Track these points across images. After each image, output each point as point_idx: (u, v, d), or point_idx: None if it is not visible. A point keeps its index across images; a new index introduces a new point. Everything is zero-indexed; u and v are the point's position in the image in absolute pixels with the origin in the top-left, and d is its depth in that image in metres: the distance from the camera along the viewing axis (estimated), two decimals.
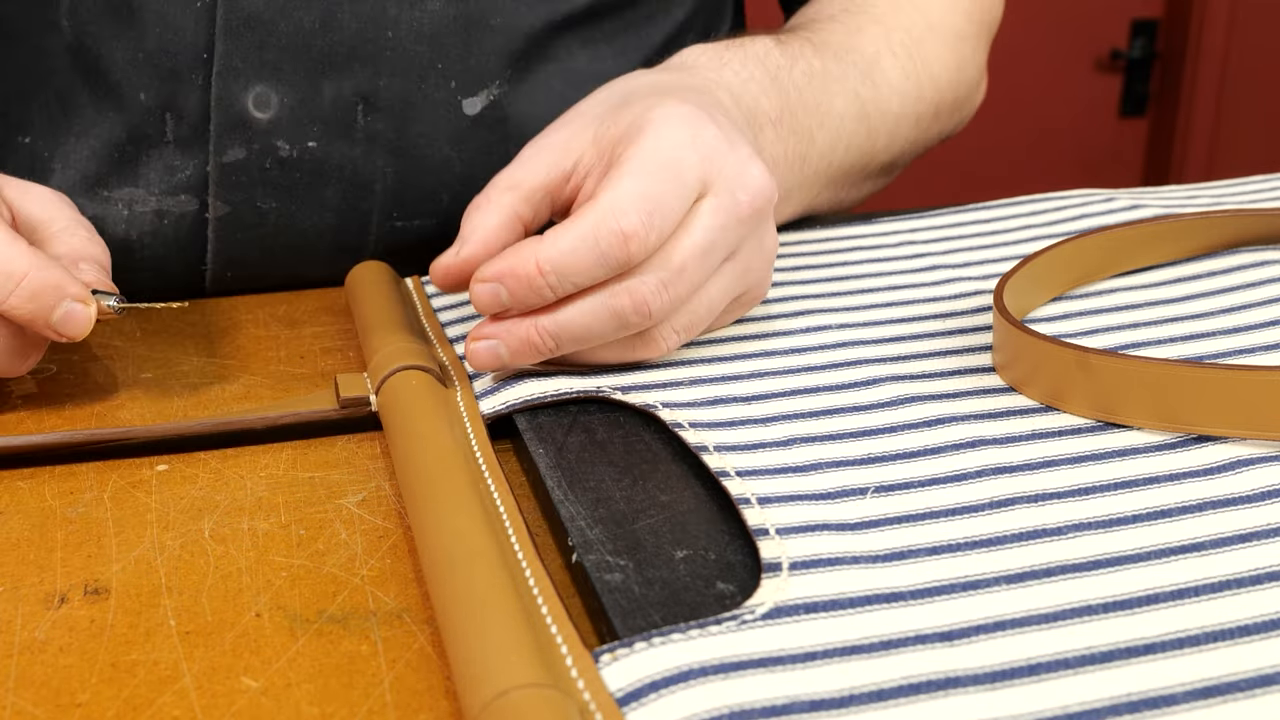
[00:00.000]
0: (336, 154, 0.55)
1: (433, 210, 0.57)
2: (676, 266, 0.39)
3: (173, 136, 0.54)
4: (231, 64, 0.53)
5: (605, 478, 0.35)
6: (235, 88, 0.53)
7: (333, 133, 0.54)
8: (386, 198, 0.56)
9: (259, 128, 0.54)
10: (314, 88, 0.54)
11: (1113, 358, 0.37)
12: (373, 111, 0.54)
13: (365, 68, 0.54)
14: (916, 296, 0.48)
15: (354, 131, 0.55)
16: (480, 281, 0.39)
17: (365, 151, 0.55)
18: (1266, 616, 0.28)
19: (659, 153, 0.39)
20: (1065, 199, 0.58)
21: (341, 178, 0.55)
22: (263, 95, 0.53)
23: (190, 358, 0.47)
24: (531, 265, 0.38)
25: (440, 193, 0.57)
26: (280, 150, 0.54)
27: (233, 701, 0.28)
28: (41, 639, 0.30)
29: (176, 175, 0.54)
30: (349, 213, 0.56)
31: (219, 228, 0.55)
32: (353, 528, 0.35)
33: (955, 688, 0.26)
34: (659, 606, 0.29)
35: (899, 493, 0.34)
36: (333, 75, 0.54)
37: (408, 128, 0.55)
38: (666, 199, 0.39)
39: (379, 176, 0.55)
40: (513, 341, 0.39)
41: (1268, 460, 0.34)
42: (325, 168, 0.55)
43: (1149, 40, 2.14)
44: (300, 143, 0.54)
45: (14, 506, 0.36)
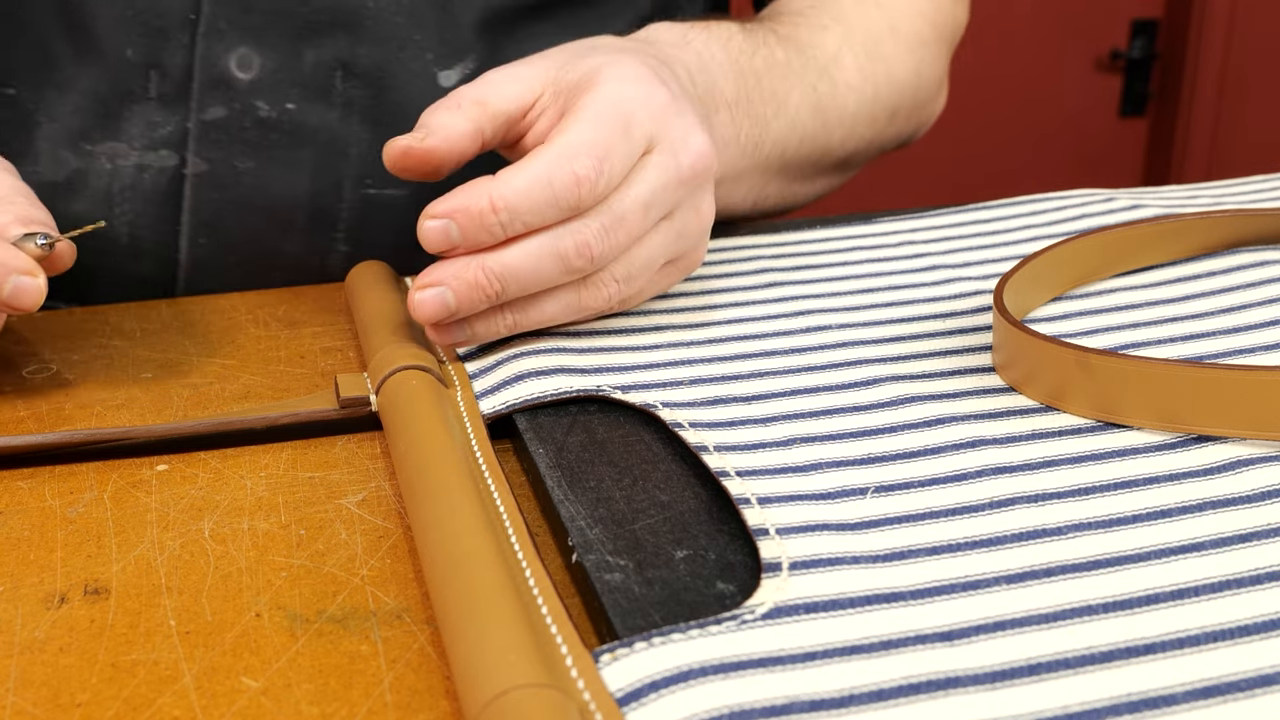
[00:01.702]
0: (314, 117, 0.56)
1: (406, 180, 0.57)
2: (618, 214, 0.41)
3: (156, 93, 0.55)
4: (216, 26, 0.54)
5: (605, 478, 0.35)
6: (219, 48, 0.54)
7: (311, 96, 0.55)
8: (360, 163, 0.57)
9: (240, 88, 0.55)
10: (295, 52, 0.55)
11: (1113, 358, 0.37)
12: (351, 78, 0.56)
13: (345, 35, 0.55)
14: (916, 296, 0.48)
15: (332, 96, 0.56)
16: (431, 218, 0.39)
17: (342, 116, 0.56)
18: (1266, 616, 0.28)
19: (612, 105, 0.41)
20: (1065, 199, 0.58)
21: (317, 141, 0.56)
22: (245, 57, 0.54)
23: (190, 358, 0.47)
24: (485, 201, 0.39)
25: None
26: (259, 110, 0.55)
27: (233, 701, 0.28)
28: (41, 639, 0.30)
29: (158, 131, 0.55)
30: (323, 176, 0.57)
31: (196, 184, 0.55)
32: (353, 528, 0.35)
33: (955, 688, 0.26)
34: (659, 606, 0.29)
35: (899, 493, 0.34)
36: (313, 41, 0.55)
37: (384, 96, 0.56)
38: (616, 149, 0.40)
39: (354, 142, 0.56)
40: (459, 285, 0.40)
41: (1268, 460, 0.34)
42: (302, 130, 0.56)
43: (1149, 40, 2.14)
44: (279, 104, 0.55)
45: (14, 506, 0.36)
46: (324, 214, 0.57)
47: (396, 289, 0.49)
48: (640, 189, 0.41)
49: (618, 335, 0.45)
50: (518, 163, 0.39)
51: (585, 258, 0.40)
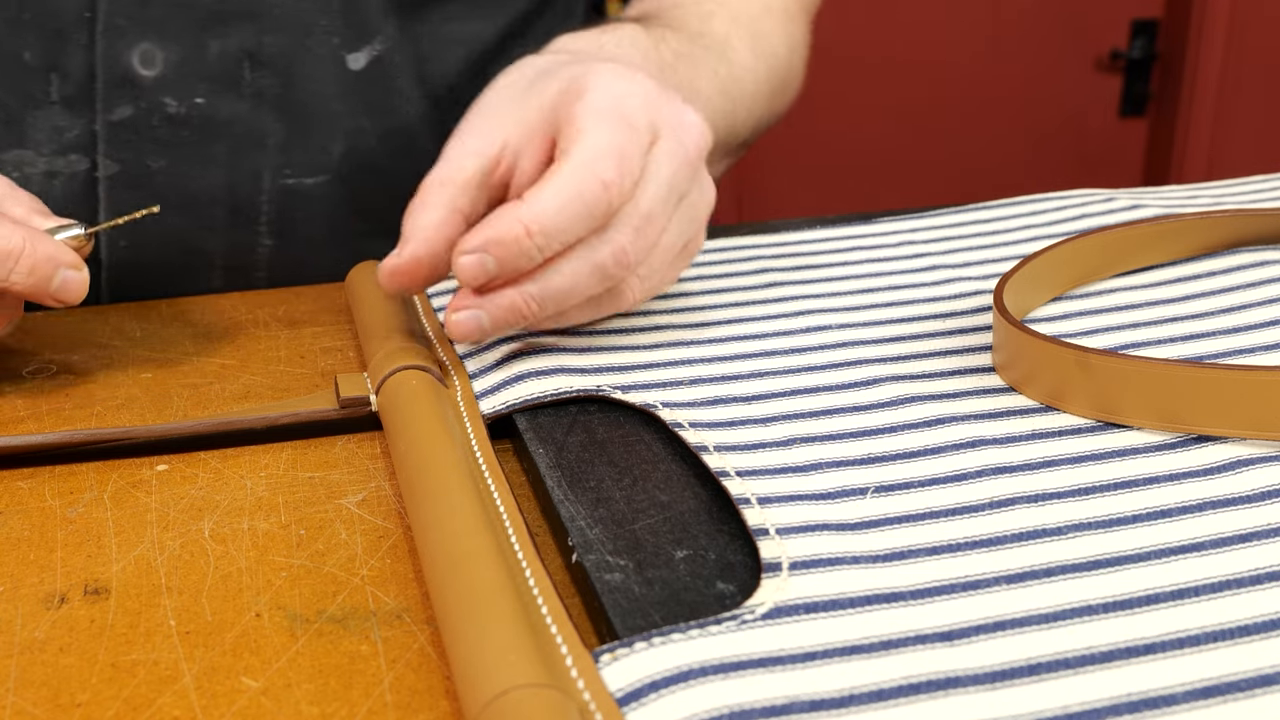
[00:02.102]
0: (224, 110, 0.55)
1: (324, 165, 0.57)
2: (645, 213, 0.40)
3: (58, 96, 0.54)
4: (115, 22, 0.53)
5: (605, 478, 0.35)
6: (120, 45, 0.53)
7: (220, 89, 0.55)
8: (276, 154, 0.56)
9: (145, 85, 0.54)
10: (199, 44, 0.54)
11: (1113, 358, 0.37)
12: (259, 68, 0.55)
13: (250, 24, 0.54)
14: (916, 296, 0.48)
15: (241, 87, 0.55)
16: (465, 254, 0.38)
17: (253, 107, 0.55)
18: (1266, 616, 0.28)
19: (610, 105, 0.40)
20: (1065, 199, 0.58)
21: (230, 134, 0.55)
22: (148, 53, 0.53)
23: (190, 358, 0.47)
24: (519, 228, 0.38)
25: (330, 147, 0.57)
26: (168, 107, 0.54)
27: (233, 701, 0.28)
28: (41, 639, 0.30)
29: (64, 135, 0.54)
30: (240, 169, 0.56)
31: (110, 187, 0.55)
32: (353, 528, 0.35)
33: (955, 688, 0.26)
34: (659, 606, 0.29)
35: (899, 493, 0.34)
36: (217, 32, 0.54)
37: (294, 83, 0.56)
38: (630, 148, 0.39)
39: (269, 132, 0.56)
40: (496, 310, 0.39)
41: (1268, 460, 0.34)
42: (213, 124, 0.55)
43: (1149, 40, 2.14)
44: (187, 99, 0.54)
45: (14, 506, 0.36)
46: (245, 208, 0.57)
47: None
48: (658, 181, 0.40)
49: (618, 335, 0.45)
50: (541, 182, 0.38)
51: (623, 265, 0.40)
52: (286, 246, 0.58)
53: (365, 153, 0.58)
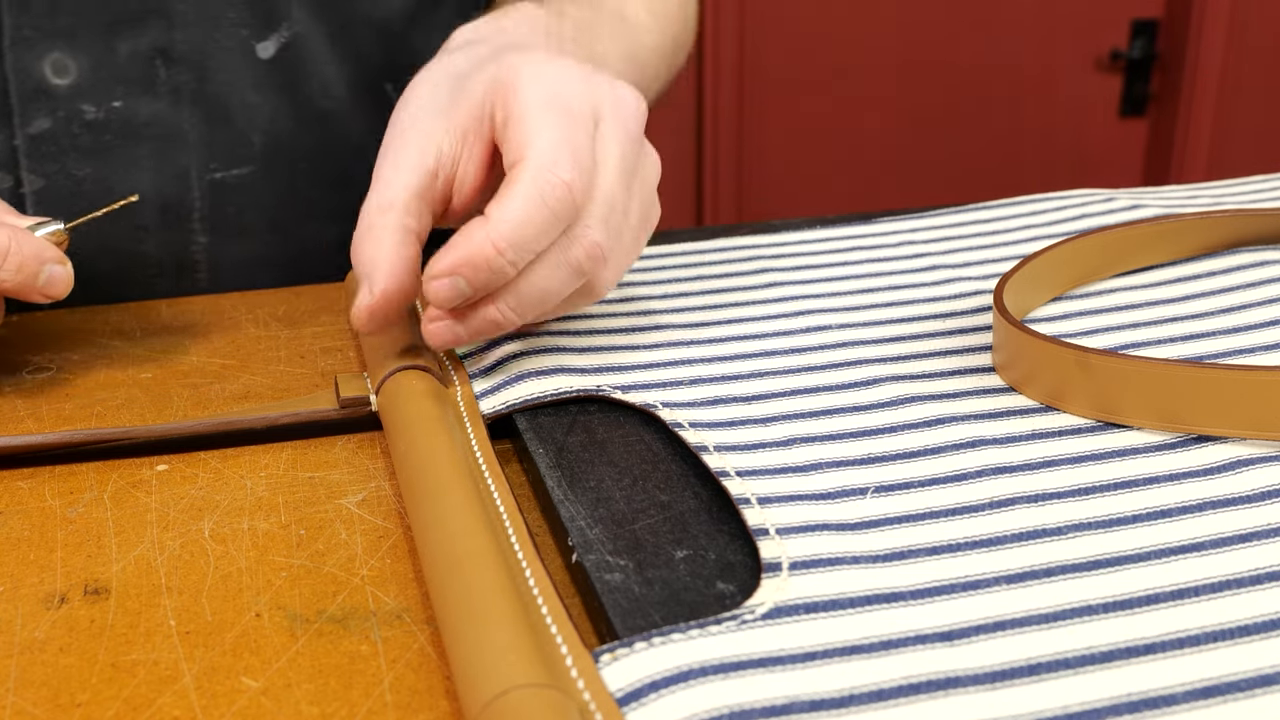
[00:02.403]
0: (143, 111, 0.55)
1: (247, 157, 0.57)
2: (608, 201, 0.39)
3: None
4: (22, 34, 0.53)
5: (605, 478, 0.35)
6: (30, 57, 0.53)
7: (136, 90, 0.55)
8: (200, 150, 0.56)
9: (60, 94, 0.54)
10: (109, 48, 0.54)
11: (1113, 358, 0.37)
12: (172, 65, 0.55)
13: (158, 22, 0.54)
14: (916, 296, 0.48)
15: (157, 86, 0.55)
16: (436, 278, 0.37)
17: (171, 105, 0.55)
18: (1266, 616, 0.28)
19: (549, 99, 0.39)
20: (1065, 199, 0.58)
21: (152, 134, 0.55)
22: (59, 61, 0.53)
23: (190, 358, 0.47)
24: (489, 248, 0.37)
25: (251, 137, 0.57)
26: (86, 114, 0.54)
27: (233, 701, 0.28)
28: (41, 639, 0.30)
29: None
30: (166, 169, 0.56)
31: (37, 201, 0.55)
32: (353, 528, 0.35)
33: (955, 688, 0.26)
34: (659, 606, 0.29)
35: (899, 493, 0.34)
36: (127, 34, 0.54)
37: (208, 77, 0.56)
38: (579, 138, 0.38)
39: (190, 128, 0.56)
40: (474, 324, 0.39)
41: (1268, 460, 0.34)
42: (134, 126, 0.55)
43: (1149, 40, 2.14)
44: (105, 104, 0.54)
45: (14, 506, 0.36)
46: (176, 206, 0.56)
47: None
48: (611, 166, 0.39)
49: (618, 335, 0.45)
50: (502, 195, 0.37)
51: (596, 258, 0.39)
52: (223, 241, 0.58)
53: (287, 140, 0.58)
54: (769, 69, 2.05)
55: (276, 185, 0.59)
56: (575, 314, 0.46)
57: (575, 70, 0.41)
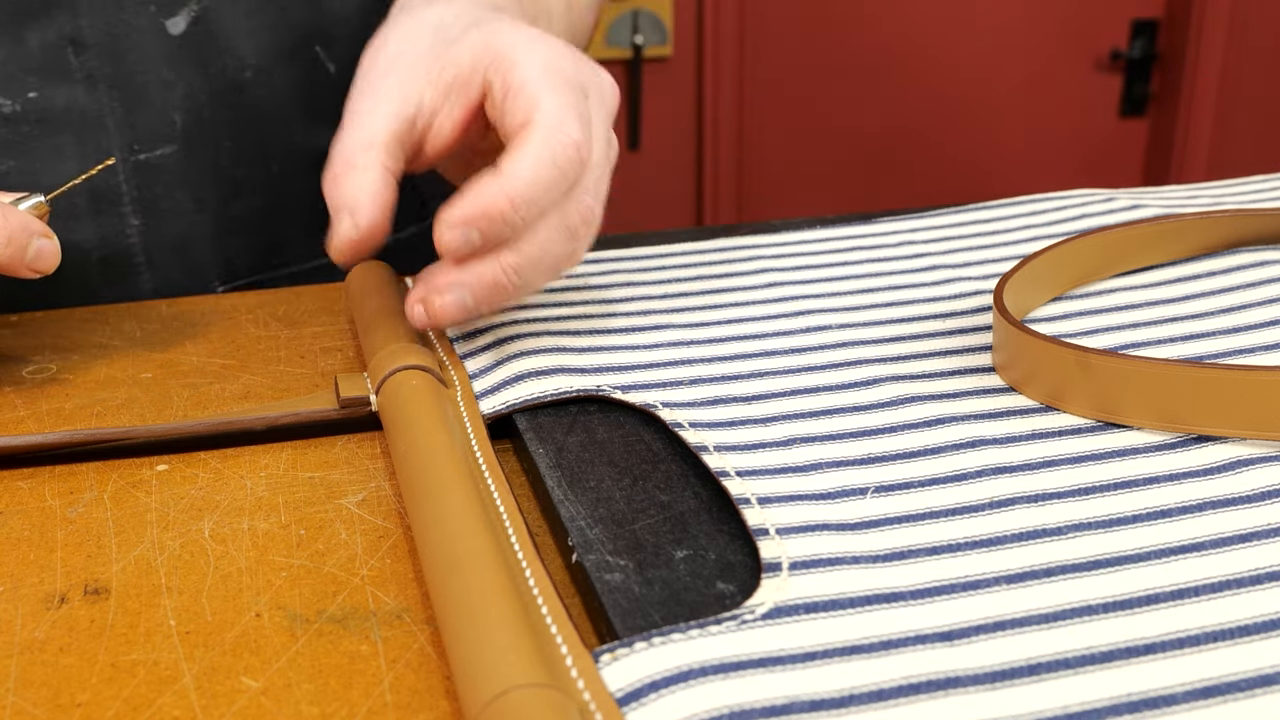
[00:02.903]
0: (60, 99, 0.55)
1: (169, 135, 0.57)
2: (597, 171, 0.40)
3: None
4: None
5: (605, 478, 0.35)
6: None
7: (50, 79, 0.54)
8: (122, 133, 0.56)
9: None
10: (18, 39, 0.54)
11: (1113, 358, 0.37)
12: (83, 50, 0.55)
13: (62, 9, 0.54)
14: (916, 296, 0.48)
15: (71, 73, 0.55)
16: (450, 226, 0.38)
17: (87, 90, 0.55)
18: (1266, 616, 0.28)
19: (548, 69, 0.40)
20: (1065, 199, 0.58)
21: (70, 122, 0.55)
22: None
23: (190, 358, 0.47)
24: (504, 202, 0.38)
25: (171, 115, 0.57)
26: (3, 107, 0.54)
27: (233, 701, 0.28)
28: (41, 639, 0.30)
29: None
30: (89, 156, 0.56)
31: None
32: (353, 528, 0.35)
33: (955, 688, 0.26)
34: (659, 606, 0.29)
35: (899, 493, 0.34)
36: (32, 24, 0.54)
37: (121, 59, 0.55)
38: (581, 107, 0.40)
39: (108, 112, 0.56)
40: (480, 287, 0.39)
41: (1268, 460, 0.34)
42: (52, 115, 0.55)
43: (1149, 40, 2.14)
44: (20, 95, 0.54)
45: (14, 506, 0.36)
46: (105, 193, 0.56)
47: (396, 289, 0.49)
48: (599, 138, 0.41)
49: (618, 335, 0.45)
50: (514, 152, 0.39)
51: (589, 223, 0.40)
52: (155, 223, 0.58)
53: (206, 116, 0.58)
54: (769, 69, 2.05)
55: (201, 162, 0.59)
56: (575, 314, 0.46)
57: (564, 48, 0.42)
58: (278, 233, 0.60)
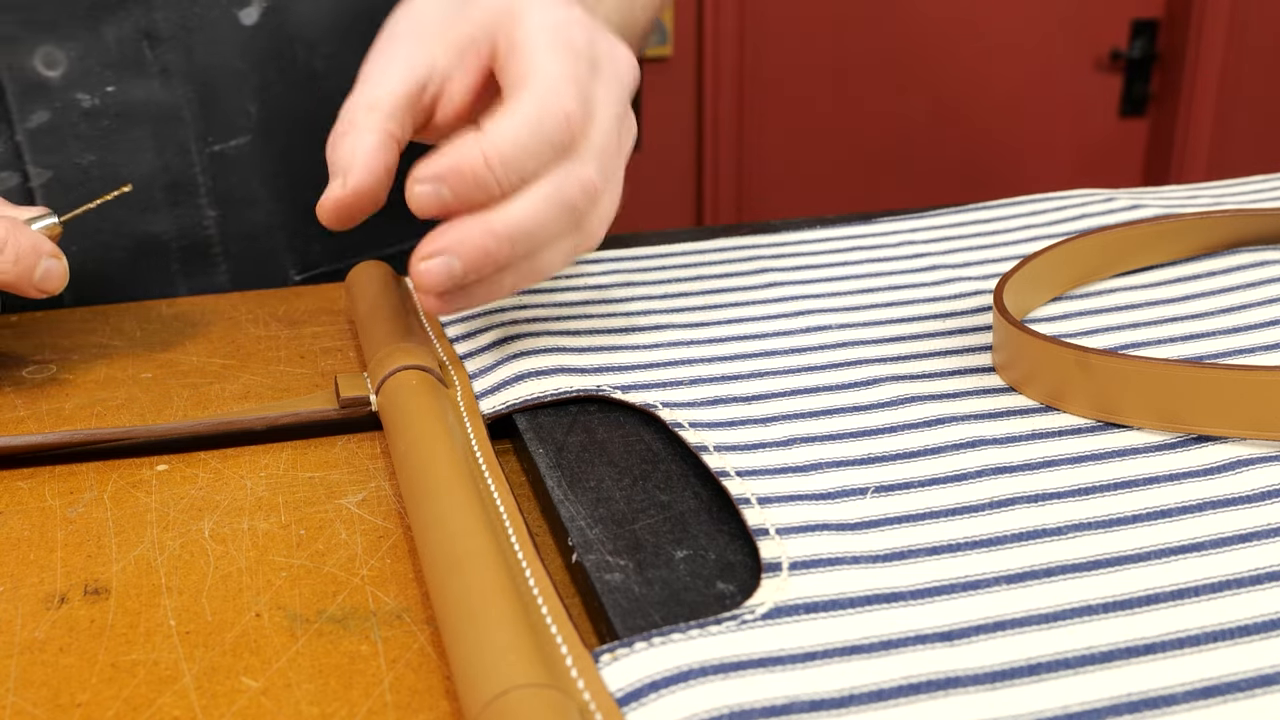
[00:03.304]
0: (137, 92, 0.55)
1: (244, 126, 0.58)
2: (602, 146, 0.39)
3: None
4: (9, 32, 0.53)
5: (605, 478, 0.35)
6: (20, 53, 0.54)
7: (127, 74, 0.55)
8: (197, 124, 0.57)
9: (54, 86, 0.54)
10: (96, 35, 0.54)
11: (1113, 358, 0.37)
12: (158, 44, 0.55)
13: (139, 4, 0.55)
14: (916, 296, 0.48)
15: (146, 66, 0.55)
16: (420, 181, 0.37)
17: (163, 83, 0.56)
18: (1266, 616, 0.28)
19: (554, 34, 0.39)
20: (1065, 199, 0.58)
21: (148, 115, 0.56)
22: (49, 54, 0.54)
23: (190, 358, 0.47)
24: (478, 159, 0.37)
25: (246, 106, 0.58)
26: (82, 103, 0.55)
27: (233, 701, 0.28)
28: (41, 639, 0.30)
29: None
30: (167, 149, 0.56)
31: (46, 195, 0.55)
32: (353, 528, 0.35)
33: (955, 688, 0.26)
34: (659, 606, 0.29)
35: (899, 493, 0.34)
36: (109, 19, 0.54)
37: (195, 51, 0.56)
38: (583, 78, 0.39)
39: (184, 104, 0.56)
40: (467, 251, 0.38)
41: (1268, 460, 0.34)
42: (130, 109, 0.56)
43: (1149, 40, 2.14)
44: (99, 90, 0.55)
45: (14, 506, 0.36)
46: (181, 184, 0.57)
47: (396, 289, 0.49)
48: (607, 113, 0.39)
49: (618, 335, 0.45)
50: (501, 111, 0.37)
51: (591, 196, 0.39)
52: (231, 213, 0.58)
53: (280, 105, 0.59)
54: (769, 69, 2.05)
55: (275, 151, 0.59)
56: (575, 314, 0.46)
57: (579, 14, 0.40)
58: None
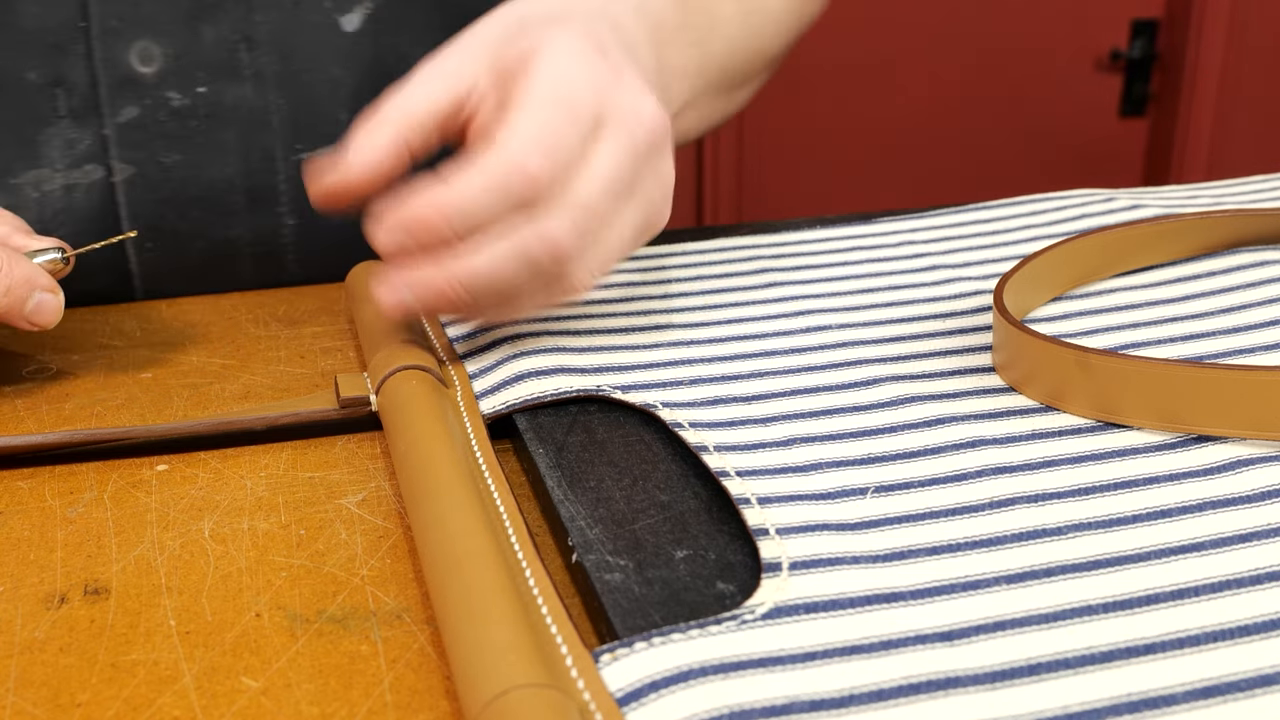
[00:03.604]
0: (228, 95, 0.55)
1: (333, 135, 0.57)
2: (585, 205, 0.38)
3: (66, 110, 0.54)
4: (109, 25, 0.53)
5: (605, 478, 0.35)
6: (117, 48, 0.54)
7: (221, 75, 0.55)
8: (285, 130, 0.56)
9: (147, 83, 0.54)
10: (194, 34, 0.54)
11: (1113, 358, 0.37)
12: (255, 47, 0.55)
13: (239, 5, 0.55)
14: (916, 296, 0.48)
15: (240, 69, 0.55)
16: (381, 228, 0.38)
17: (255, 88, 0.56)
18: (1266, 616, 0.28)
19: (555, 89, 0.38)
20: (1065, 199, 0.58)
21: (237, 118, 0.56)
22: (145, 50, 0.54)
23: (190, 358, 0.47)
24: (433, 212, 0.37)
25: (337, 114, 0.57)
26: (172, 101, 0.55)
27: (233, 701, 0.28)
28: (41, 639, 0.30)
29: (77, 147, 0.54)
30: (252, 152, 0.56)
31: (128, 190, 0.55)
32: (353, 528, 0.35)
33: (955, 688, 0.26)
34: (659, 606, 0.29)
35: (899, 493, 0.34)
36: (208, 18, 0.54)
37: (292, 56, 0.56)
38: (566, 138, 0.38)
39: (273, 110, 0.56)
40: (424, 292, 0.38)
41: (1268, 460, 0.34)
42: (219, 110, 0.55)
43: (1149, 40, 2.14)
44: (190, 90, 0.55)
45: (14, 506, 0.36)
46: (263, 190, 0.57)
47: None
48: (601, 173, 0.39)
49: (618, 335, 0.45)
50: (466, 165, 0.38)
51: (556, 258, 0.38)
52: (309, 222, 0.58)
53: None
54: None
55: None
56: (575, 314, 0.46)
57: (598, 67, 0.40)
58: None
